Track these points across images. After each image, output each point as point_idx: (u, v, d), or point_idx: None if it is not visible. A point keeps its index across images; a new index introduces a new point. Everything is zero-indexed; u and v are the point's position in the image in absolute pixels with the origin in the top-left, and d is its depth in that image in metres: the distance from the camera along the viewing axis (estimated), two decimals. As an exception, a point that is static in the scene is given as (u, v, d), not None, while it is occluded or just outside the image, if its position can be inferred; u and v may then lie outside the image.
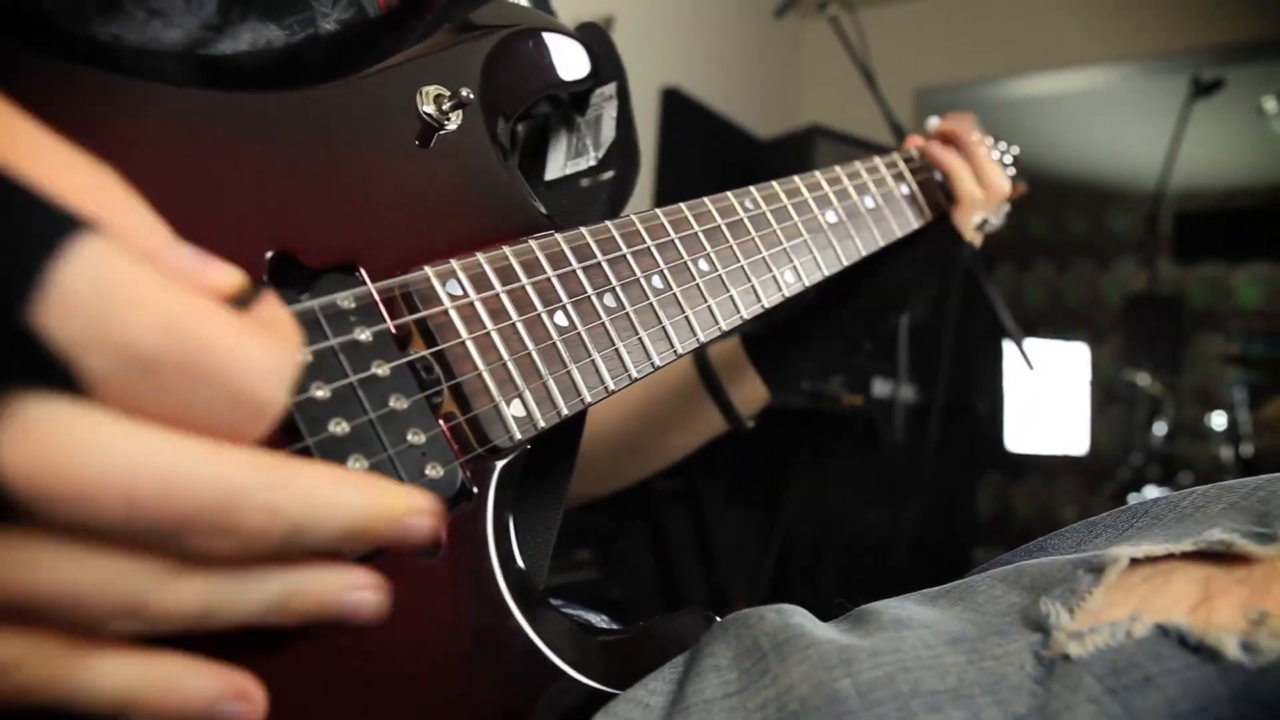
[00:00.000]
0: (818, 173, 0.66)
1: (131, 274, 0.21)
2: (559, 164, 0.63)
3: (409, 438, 0.35)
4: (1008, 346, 3.77)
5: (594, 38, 0.59)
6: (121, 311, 0.21)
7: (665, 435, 0.76)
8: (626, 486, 0.79)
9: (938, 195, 0.77)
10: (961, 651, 0.35)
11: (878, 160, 0.74)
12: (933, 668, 0.34)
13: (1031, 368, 1.63)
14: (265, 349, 0.23)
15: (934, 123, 0.88)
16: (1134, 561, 0.37)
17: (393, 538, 0.27)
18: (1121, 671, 0.32)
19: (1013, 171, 0.88)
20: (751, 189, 0.59)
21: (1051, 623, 0.35)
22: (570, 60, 0.56)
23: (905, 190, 0.74)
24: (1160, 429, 4.03)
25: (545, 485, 0.49)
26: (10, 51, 0.32)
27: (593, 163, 0.62)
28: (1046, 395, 5.22)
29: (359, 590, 0.27)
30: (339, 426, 0.32)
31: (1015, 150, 0.90)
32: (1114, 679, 0.32)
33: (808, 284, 0.61)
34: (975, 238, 0.78)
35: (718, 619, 0.44)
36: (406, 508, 0.27)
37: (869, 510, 2.59)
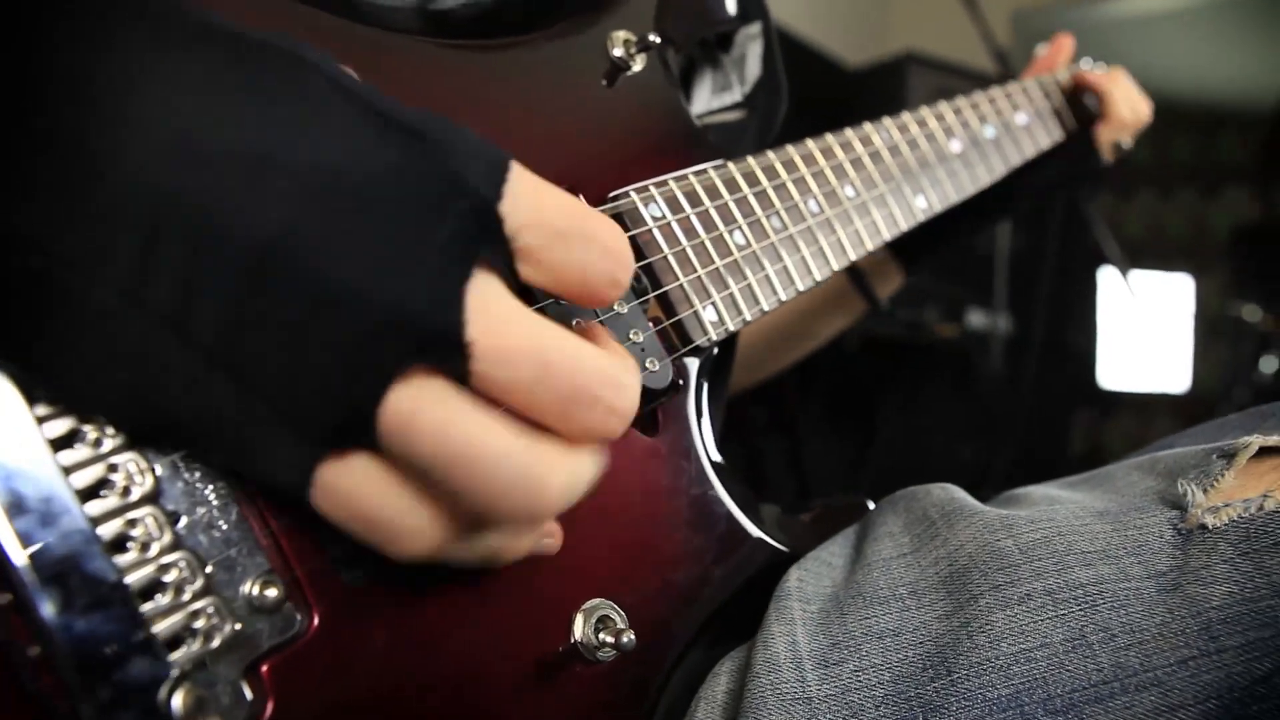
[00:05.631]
0: (947, 103, 0.70)
1: (538, 180, 0.30)
2: (704, 99, 0.68)
3: (631, 336, 0.41)
4: (1104, 279, 3.66)
5: None
6: (544, 203, 0.29)
7: (812, 322, 0.86)
8: (777, 372, 0.90)
9: (1075, 114, 0.84)
10: (1107, 522, 0.40)
11: (1018, 85, 0.79)
12: (1082, 534, 0.39)
13: (1135, 296, 1.62)
14: (610, 220, 0.31)
15: (1042, 51, 0.91)
16: (1263, 451, 0.42)
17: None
18: (1254, 538, 0.37)
19: None
20: (886, 120, 0.63)
21: (1188, 500, 0.40)
22: (723, 1, 0.60)
23: (1053, 105, 0.81)
24: (1269, 365, 3.87)
25: (715, 381, 0.56)
26: (293, 13, 0.39)
27: (738, 98, 0.67)
28: (1145, 330, 5.05)
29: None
30: (579, 327, 0.39)
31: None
32: (1247, 544, 0.37)
33: (939, 209, 0.65)
34: (1111, 156, 0.84)
35: (870, 503, 0.51)
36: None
37: (961, 444, 2.60)
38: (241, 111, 0.26)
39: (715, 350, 0.47)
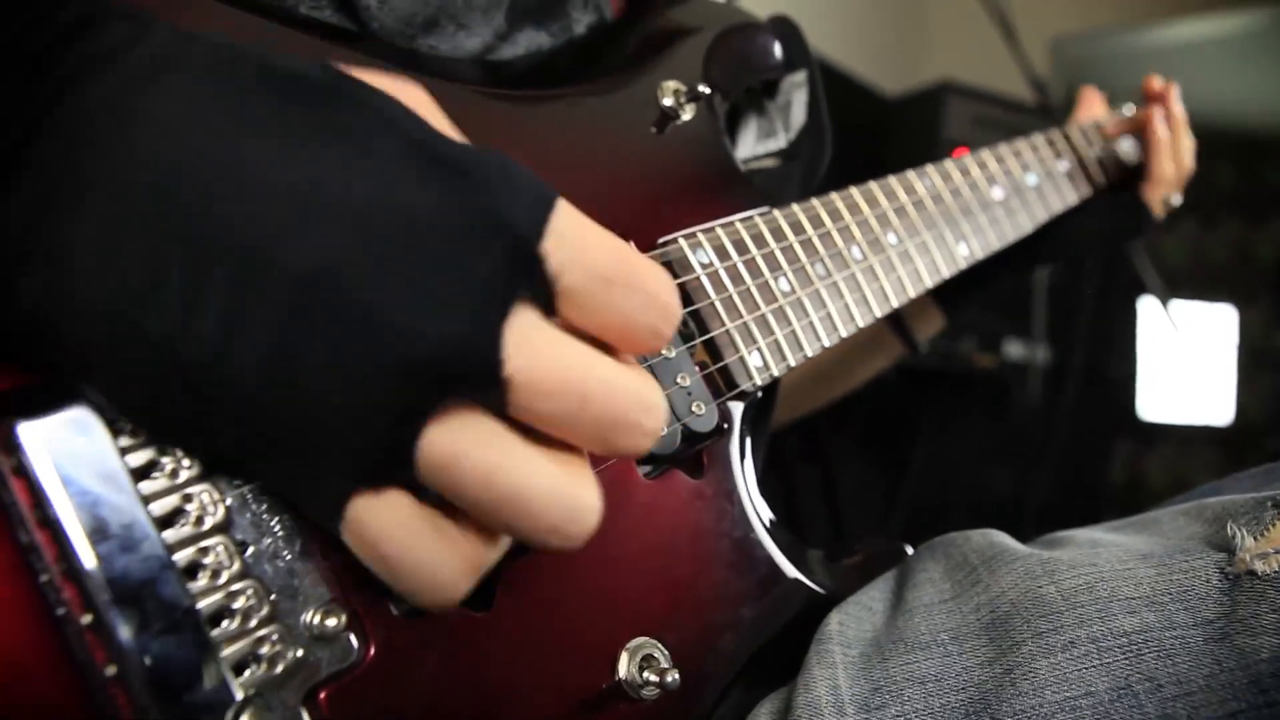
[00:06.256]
0: (989, 150, 0.70)
1: (586, 220, 0.30)
2: (749, 145, 0.70)
3: (679, 380, 0.43)
4: (1144, 308, 3.61)
5: (784, 29, 0.65)
6: (589, 244, 0.29)
7: (851, 363, 0.86)
8: (813, 411, 0.90)
9: (1111, 168, 0.84)
10: (1151, 566, 0.40)
11: (1060, 131, 0.79)
12: (1127, 578, 0.40)
13: (1177, 330, 1.59)
14: (661, 270, 0.31)
15: (1090, 94, 0.92)
16: (1314, 502, 0.42)
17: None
18: None
19: None
20: (929, 167, 0.64)
21: (1236, 544, 0.40)
22: (769, 50, 0.62)
23: (1095, 154, 0.81)
24: (1317, 398, 3.77)
25: (757, 423, 0.57)
26: (360, 61, 0.41)
27: (783, 145, 0.68)
28: (1187, 361, 4.94)
29: None
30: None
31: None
32: None
33: (980, 257, 0.66)
34: (1163, 211, 0.85)
35: (909, 548, 0.51)
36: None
37: (998, 475, 2.57)
38: (290, 148, 0.27)
39: (759, 394, 0.48)
